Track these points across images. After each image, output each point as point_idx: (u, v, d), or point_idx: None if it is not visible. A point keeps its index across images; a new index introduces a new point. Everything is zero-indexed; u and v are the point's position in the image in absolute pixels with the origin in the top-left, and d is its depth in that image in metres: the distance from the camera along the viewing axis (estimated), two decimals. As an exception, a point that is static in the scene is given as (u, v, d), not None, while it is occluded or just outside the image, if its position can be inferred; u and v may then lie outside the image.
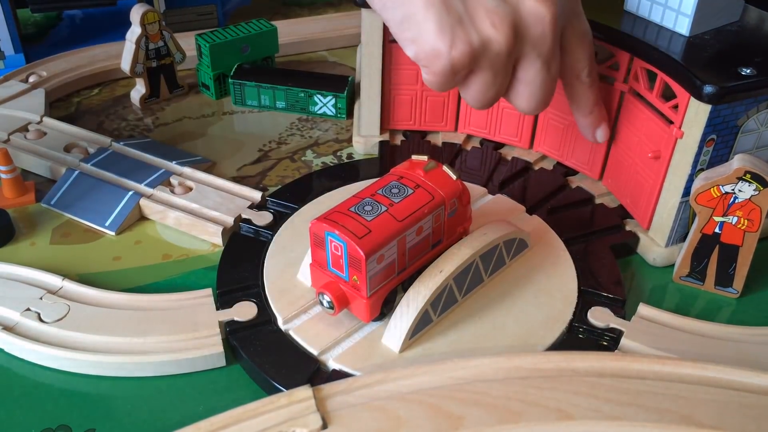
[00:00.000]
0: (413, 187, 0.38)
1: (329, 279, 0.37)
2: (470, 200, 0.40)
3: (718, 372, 0.34)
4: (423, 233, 0.38)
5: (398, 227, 0.36)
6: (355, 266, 0.35)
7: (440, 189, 0.38)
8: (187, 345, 0.37)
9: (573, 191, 0.49)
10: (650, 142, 0.43)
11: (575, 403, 0.32)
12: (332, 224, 0.35)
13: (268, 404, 0.32)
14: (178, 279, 0.43)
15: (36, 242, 0.46)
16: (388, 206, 0.37)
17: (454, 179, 0.39)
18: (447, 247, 0.39)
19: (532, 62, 0.38)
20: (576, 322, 0.39)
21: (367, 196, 0.37)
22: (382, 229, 0.35)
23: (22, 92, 0.59)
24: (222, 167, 0.53)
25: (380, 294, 0.37)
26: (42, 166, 0.51)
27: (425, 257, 0.39)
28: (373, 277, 0.36)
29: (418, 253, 0.38)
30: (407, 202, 0.37)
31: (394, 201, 0.37)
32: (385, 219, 0.36)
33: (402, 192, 0.38)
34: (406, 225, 0.36)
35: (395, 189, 0.38)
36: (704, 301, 0.43)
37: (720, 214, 0.40)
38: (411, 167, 0.39)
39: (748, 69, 0.39)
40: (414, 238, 0.37)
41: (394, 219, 0.36)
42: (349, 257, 0.35)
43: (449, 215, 0.39)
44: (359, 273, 0.35)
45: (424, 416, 0.32)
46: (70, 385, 0.37)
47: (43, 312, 0.39)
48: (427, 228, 0.38)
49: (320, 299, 0.37)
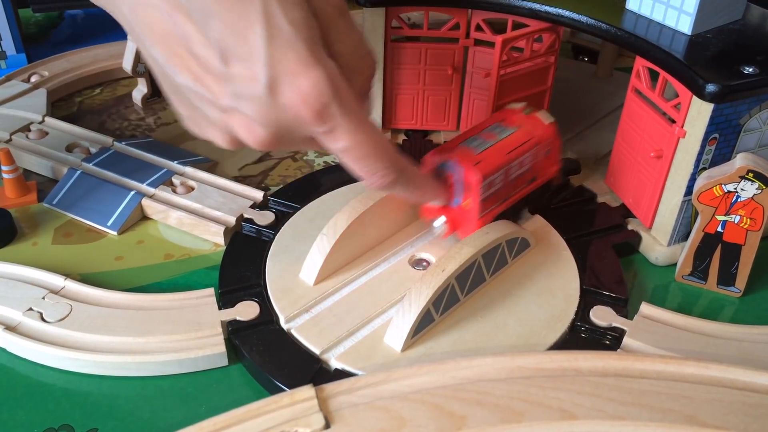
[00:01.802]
0: (514, 127, 0.43)
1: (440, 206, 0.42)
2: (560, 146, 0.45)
3: (721, 371, 0.34)
4: (523, 168, 0.43)
5: (505, 159, 0.41)
6: (469, 190, 0.40)
7: (538, 130, 0.43)
8: (189, 344, 0.37)
9: (575, 190, 0.49)
10: (652, 141, 0.43)
11: (578, 403, 0.32)
12: (449, 155, 0.40)
13: (270, 404, 0.32)
14: (180, 279, 0.43)
15: (38, 242, 0.46)
16: (494, 142, 0.42)
17: (548, 123, 0.43)
18: (540, 185, 0.45)
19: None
20: (578, 321, 0.39)
21: (474, 134, 0.42)
22: (492, 159, 0.40)
23: (24, 92, 0.59)
24: (224, 167, 0.53)
25: (487, 218, 0.42)
26: (44, 165, 0.51)
27: (523, 191, 0.44)
28: (484, 201, 0.41)
29: (518, 186, 0.44)
30: (510, 140, 0.42)
31: (499, 138, 0.42)
32: (493, 151, 0.41)
33: (505, 131, 0.43)
34: (511, 158, 0.41)
35: (498, 129, 0.43)
36: (707, 300, 0.43)
37: (722, 213, 0.40)
38: (510, 113, 0.44)
39: (750, 68, 0.39)
40: (516, 171, 0.42)
41: (501, 152, 0.41)
42: (463, 182, 0.40)
43: (545, 154, 0.44)
44: (472, 196, 0.40)
45: (427, 416, 0.32)
46: (72, 384, 0.37)
47: (45, 312, 0.39)
48: (527, 164, 0.43)
49: (432, 224, 0.42)
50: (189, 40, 0.31)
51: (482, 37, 0.52)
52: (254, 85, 0.30)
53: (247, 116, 0.32)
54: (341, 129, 0.32)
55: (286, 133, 0.32)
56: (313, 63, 0.30)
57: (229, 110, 0.32)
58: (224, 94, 0.31)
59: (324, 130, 0.32)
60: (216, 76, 0.31)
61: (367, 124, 0.33)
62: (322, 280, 0.41)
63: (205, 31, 0.30)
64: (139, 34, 0.33)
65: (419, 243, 0.44)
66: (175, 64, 0.32)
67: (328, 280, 0.41)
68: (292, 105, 0.31)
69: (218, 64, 0.30)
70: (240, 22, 0.29)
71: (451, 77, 0.53)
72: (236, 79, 0.30)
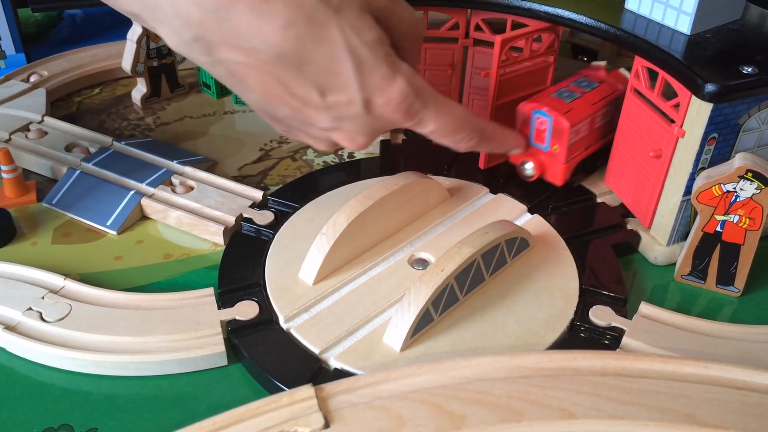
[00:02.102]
0: (598, 81, 0.48)
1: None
2: None
3: (720, 371, 0.34)
4: (605, 119, 0.47)
5: (592, 109, 0.46)
6: (558, 136, 0.45)
7: (620, 85, 0.48)
8: (188, 344, 0.37)
9: (574, 190, 0.49)
10: (651, 141, 0.43)
11: (577, 402, 0.32)
12: (540, 104, 0.45)
13: (269, 403, 0.32)
14: (180, 278, 0.43)
15: (37, 242, 0.46)
16: (581, 93, 0.47)
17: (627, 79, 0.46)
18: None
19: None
20: (578, 321, 0.39)
21: (563, 86, 0.47)
22: (580, 109, 0.45)
23: (23, 92, 0.59)
24: (223, 166, 0.53)
25: (572, 163, 0.46)
26: (43, 165, 0.51)
27: (604, 140, 0.48)
28: (571, 146, 0.45)
29: (599, 136, 0.48)
30: (596, 92, 0.47)
31: (585, 91, 0.46)
32: (581, 102, 0.46)
33: (590, 85, 0.47)
34: (597, 108, 0.46)
35: (584, 82, 0.48)
36: (706, 299, 0.43)
37: (721, 213, 0.40)
38: (593, 69, 0.50)
39: (749, 67, 0.39)
40: (599, 121, 0.47)
41: (588, 103, 0.46)
42: (553, 129, 0.44)
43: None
44: (561, 142, 0.45)
45: (426, 415, 0.32)
46: (71, 384, 0.37)
47: (44, 311, 0.39)
48: (609, 115, 0.47)
49: (522, 167, 0.47)
50: (287, 85, 0.36)
51: (481, 36, 0.52)
52: (353, 108, 0.37)
53: (349, 131, 0.38)
54: (427, 118, 0.39)
55: (380, 132, 0.40)
56: (394, 75, 0.36)
57: (330, 129, 0.39)
58: (325, 118, 0.37)
59: (413, 124, 0.39)
60: (315, 107, 0.37)
61: (445, 105, 0.39)
62: (322, 279, 0.41)
63: (300, 75, 0.35)
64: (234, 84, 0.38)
65: (418, 243, 0.44)
66: (274, 102, 0.37)
67: (327, 280, 0.41)
68: (385, 114, 0.37)
69: (317, 98, 0.36)
70: (331, 63, 0.35)
71: (451, 77, 0.53)
72: (336, 106, 0.37)
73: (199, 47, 0.35)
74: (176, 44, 0.36)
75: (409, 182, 0.44)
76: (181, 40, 0.36)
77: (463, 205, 0.48)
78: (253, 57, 0.35)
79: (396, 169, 0.48)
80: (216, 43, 0.35)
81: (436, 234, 0.45)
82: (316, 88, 0.36)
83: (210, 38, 0.35)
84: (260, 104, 0.38)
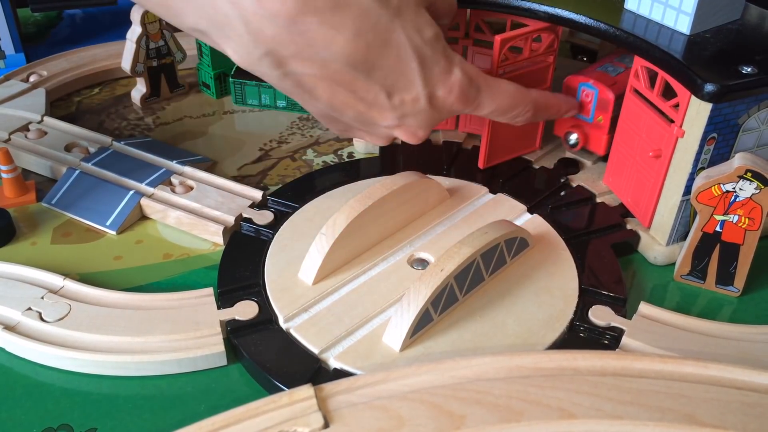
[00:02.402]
0: None
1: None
2: None
3: (719, 371, 0.34)
4: None
5: None
6: (603, 108, 0.47)
7: None
8: (188, 344, 0.37)
9: (574, 190, 0.49)
10: (651, 141, 0.43)
11: (577, 402, 0.32)
12: (586, 77, 0.48)
13: (269, 403, 0.32)
14: (179, 278, 0.43)
15: (37, 242, 0.46)
16: (624, 68, 0.49)
17: None
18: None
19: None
20: (577, 320, 0.39)
21: (608, 62, 0.50)
22: (623, 83, 0.46)
23: (23, 92, 0.59)
24: (223, 166, 0.53)
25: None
26: (43, 165, 0.51)
27: None
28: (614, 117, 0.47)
29: None
30: None
31: (629, 66, 0.47)
32: (625, 76, 0.47)
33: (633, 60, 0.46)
34: None
35: (627, 58, 0.50)
36: (705, 299, 0.43)
37: (721, 213, 0.40)
38: None
39: (749, 67, 0.39)
40: None
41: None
42: (598, 101, 0.47)
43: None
44: (605, 113, 0.47)
45: (426, 415, 0.32)
46: (71, 384, 0.37)
47: (44, 311, 0.39)
48: None
49: (567, 138, 0.50)
50: (355, 91, 0.37)
51: (481, 36, 0.52)
52: (418, 104, 0.39)
53: (411, 125, 0.40)
54: (483, 101, 0.41)
55: (438, 122, 0.41)
56: (451, 66, 0.39)
57: (393, 126, 0.40)
58: (390, 117, 0.39)
59: (471, 109, 0.41)
60: (381, 107, 0.38)
61: (497, 86, 0.41)
62: (321, 279, 0.41)
63: (369, 79, 0.37)
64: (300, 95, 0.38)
65: (418, 243, 0.44)
66: (341, 107, 0.38)
67: (326, 280, 0.41)
68: (446, 105, 0.39)
69: (384, 99, 0.38)
70: (397, 65, 0.37)
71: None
72: (402, 105, 0.38)
73: (269, 62, 0.36)
74: (244, 60, 0.36)
75: (409, 182, 0.44)
76: (250, 56, 0.36)
77: (462, 205, 0.48)
78: (323, 68, 0.36)
79: (395, 169, 0.48)
80: (287, 57, 0.35)
81: (436, 234, 0.45)
82: (383, 90, 0.37)
83: (281, 52, 0.35)
84: (324, 111, 0.39)
